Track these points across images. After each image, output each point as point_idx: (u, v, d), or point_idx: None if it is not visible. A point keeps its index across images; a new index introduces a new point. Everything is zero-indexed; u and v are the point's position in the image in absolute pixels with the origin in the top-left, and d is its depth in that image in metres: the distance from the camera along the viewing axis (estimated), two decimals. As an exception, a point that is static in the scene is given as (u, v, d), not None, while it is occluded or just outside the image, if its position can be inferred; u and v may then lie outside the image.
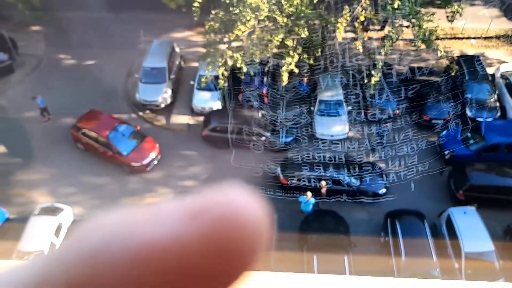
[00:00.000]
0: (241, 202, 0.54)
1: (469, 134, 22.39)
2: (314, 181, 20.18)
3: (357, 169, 21.07)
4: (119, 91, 25.89)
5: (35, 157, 22.68)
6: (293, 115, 23.81)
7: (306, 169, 20.83)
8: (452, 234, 18.59)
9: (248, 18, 20.21)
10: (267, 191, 21.15)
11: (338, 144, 23.07)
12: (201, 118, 23.78)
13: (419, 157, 22.60)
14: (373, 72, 21.29)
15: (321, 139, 22.98)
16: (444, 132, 22.79)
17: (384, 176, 21.16)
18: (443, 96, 23.93)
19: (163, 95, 24.47)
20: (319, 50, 23.13)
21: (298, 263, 17.98)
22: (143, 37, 26.54)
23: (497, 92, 24.43)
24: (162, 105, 24.64)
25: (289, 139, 22.71)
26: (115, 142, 21.69)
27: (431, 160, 22.24)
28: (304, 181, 20.39)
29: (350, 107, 23.56)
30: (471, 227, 18.66)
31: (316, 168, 20.85)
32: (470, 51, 27.40)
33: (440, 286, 5.04)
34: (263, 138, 22.31)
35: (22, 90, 25.83)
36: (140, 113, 24.76)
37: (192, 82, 24.91)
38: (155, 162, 22.14)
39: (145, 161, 21.81)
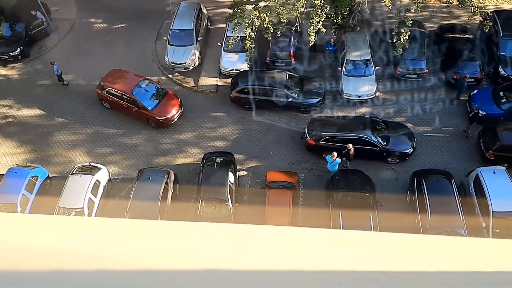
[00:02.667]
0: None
1: (501, 93, 21.88)
2: (340, 142, 20.34)
3: (384, 129, 21.05)
4: (148, 54, 26.32)
5: (71, 119, 23.62)
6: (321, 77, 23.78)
7: (332, 130, 20.97)
8: (481, 193, 18.56)
9: (275, -23, 20.00)
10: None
11: (367, 104, 23.02)
12: (229, 80, 24.05)
13: (446, 118, 22.37)
14: (401, 30, 20.83)
15: (349, 99, 22.95)
16: (475, 91, 22.33)
17: (411, 136, 21.07)
18: (476, 54, 23.27)
19: (191, 57, 24.77)
20: (347, 8, 22.72)
21: (325, 220, 18.48)
22: (171, -1, 26.67)
23: (533, 49, 23.54)
24: (191, 67, 24.99)
25: (316, 100, 22.78)
26: (139, 98, 22.47)
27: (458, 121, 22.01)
28: (330, 142, 20.57)
29: (378, 67, 23.27)
30: (500, 187, 18.56)
31: (343, 129, 20.96)
32: (506, 6, 26.27)
33: (464, 243, 5.26)
34: (290, 99, 22.45)
35: (58, 53, 26.62)
36: (170, 75, 25.21)
37: (219, 44, 25.04)
38: (178, 115, 22.92)
39: (170, 115, 22.59)
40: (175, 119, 22.78)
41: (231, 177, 19.72)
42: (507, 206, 18.12)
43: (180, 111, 22.97)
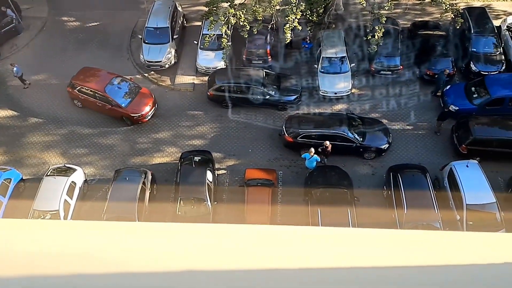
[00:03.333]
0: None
1: (473, 88, 22.39)
2: (317, 139, 20.49)
3: (360, 126, 21.31)
4: (123, 52, 25.97)
5: (45, 119, 23.13)
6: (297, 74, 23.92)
7: (310, 126, 21.12)
8: (455, 187, 18.98)
9: (250, -26, 19.98)
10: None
11: (342, 100, 23.26)
12: (206, 78, 23.94)
13: (420, 113, 22.79)
14: (376, 28, 21.10)
15: (325, 96, 23.15)
16: (448, 87, 22.79)
17: (387, 131, 21.39)
18: (448, 50, 23.75)
19: (167, 55, 24.56)
20: (322, 6, 22.88)
21: (304, 216, 18.61)
22: (145, -4, 26.37)
23: (502, 44, 24.17)
24: (167, 66, 24.78)
25: (293, 97, 22.89)
26: (112, 95, 22.29)
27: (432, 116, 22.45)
28: (308, 139, 20.71)
29: (353, 64, 23.53)
30: (473, 180, 19.00)
31: (320, 126, 21.13)
32: (476, 4, 26.89)
33: (440, 237, 5.37)
34: (267, 96, 22.51)
35: (29, 52, 26.02)
36: (145, 74, 24.93)
37: (195, 42, 24.90)
38: (152, 111, 22.83)
39: (144, 111, 22.49)
40: (149, 116, 22.66)
41: (209, 175, 19.66)
42: (480, 199, 18.56)
43: (154, 107, 22.87)
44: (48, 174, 19.73)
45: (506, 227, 18.01)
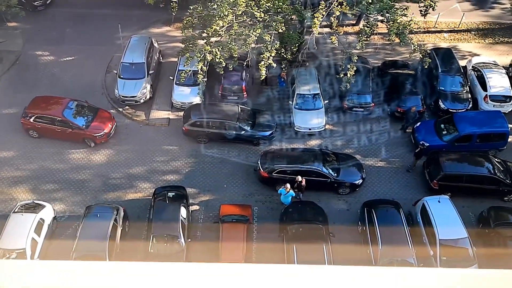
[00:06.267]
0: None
1: (442, 125, 23.05)
2: (292, 174, 20.55)
3: (334, 161, 21.53)
4: (98, 87, 25.83)
5: (14, 154, 22.54)
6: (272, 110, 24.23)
7: (285, 162, 21.22)
8: (427, 222, 19.20)
9: (225, 13, 20.41)
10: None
11: (316, 136, 23.55)
12: (181, 113, 23.95)
13: (392, 149, 23.25)
14: (348, 66, 21.70)
15: (300, 132, 23.42)
16: (418, 124, 23.40)
17: (360, 167, 21.66)
18: (418, 88, 24.54)
19: (142, 90, 24.54)
20: (296, 45, 23.47)
21: (279, 254, 18.39)
22: (121, 32, 26.49)
23: (468, 84, 25.15)
24: (142, 101, 24.72)
25: (268, 133, 23.06)
26: (71, 119, 22.58)
27: (403, 152, 22.92)
28: (283, 174, 20.76)
29: (327, 101, 24.02)
30: (445, 215, 19.30)
31: (295, 161, 21.25)
32: (443, 45, 28.08)
33: (413, 274, 5.38)
34: (242, 132, 22.62)
35: (2, 86, 25.61)
36: (120, 109, 24.79)
37: (171, 77, 25.02)
38: (113, 129, 23.28)
39: (106, 130, 22.82)
40: (112, 134, 23.12)
41: (183, 212, 19.35)
42: (453, 234, 18.80)
43: (114, 125, 23.31)
44: (16, 210, 19.08)
45: (478, 262, 18.21)
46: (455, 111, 23.75)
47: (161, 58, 27.26)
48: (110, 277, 5.16)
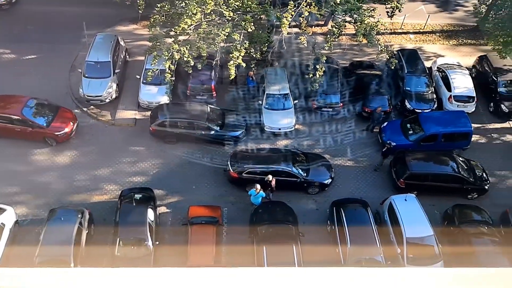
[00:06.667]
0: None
1: (408, 125, 23.48)
2: (262, 174, 20.48)
3: (304, 161, 21.59)
4: (62, 86, 25.04)
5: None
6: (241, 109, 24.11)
7: (255, 162, 21.12)
8: (394, 221, 19.47)
9: (194, 11, 20.15)
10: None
11: (284, 136, 23.56)
12: (148, 113, 23.50)
13: (360, 148, 23.52)
14: (317, 66, 21.81)
15: (270, 131, 23.38)
16: (385, 124, 23.76)
17: (329, 166, 21.80)
18: (384, 88, 24.94)
19: (108, 89, 23.94)
20: (266, 44, 23.43)
21: (249, 255, 18.27)
22: (86, 30, 25.77)
23: (433, 84, 25.72)
24: (107, 100, 24.12)
25: (237, 133, 22.91)
26: (31, 117, 21.79)
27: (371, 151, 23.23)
28: (253, 174, 20.66)
29: (296, 101, 24.07)
30: (411, 214, 19.62)
31: (265, 161, 21.19)
32: (409, 46, 28.64)
33: (381, 274, 5.37)
34: (212, 132, 22.39)
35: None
36: (84, 108, 24.12)
37: (138, 76, 24.52)
38: (75, 128, 22.68)
39: (68, 128, 22.19)
40: (73, 133, 22.48)
41: (150, 214, 18.97)
42: (419, 232, 19.15)
43: (76, 124, 22.64)
44: (-26, 215, 18.24)
45: (444, 260, 18.62)
46: (420, 111, 24.24)
47: (127, 56, 26.70)
48: (76, 283, 4.94)
